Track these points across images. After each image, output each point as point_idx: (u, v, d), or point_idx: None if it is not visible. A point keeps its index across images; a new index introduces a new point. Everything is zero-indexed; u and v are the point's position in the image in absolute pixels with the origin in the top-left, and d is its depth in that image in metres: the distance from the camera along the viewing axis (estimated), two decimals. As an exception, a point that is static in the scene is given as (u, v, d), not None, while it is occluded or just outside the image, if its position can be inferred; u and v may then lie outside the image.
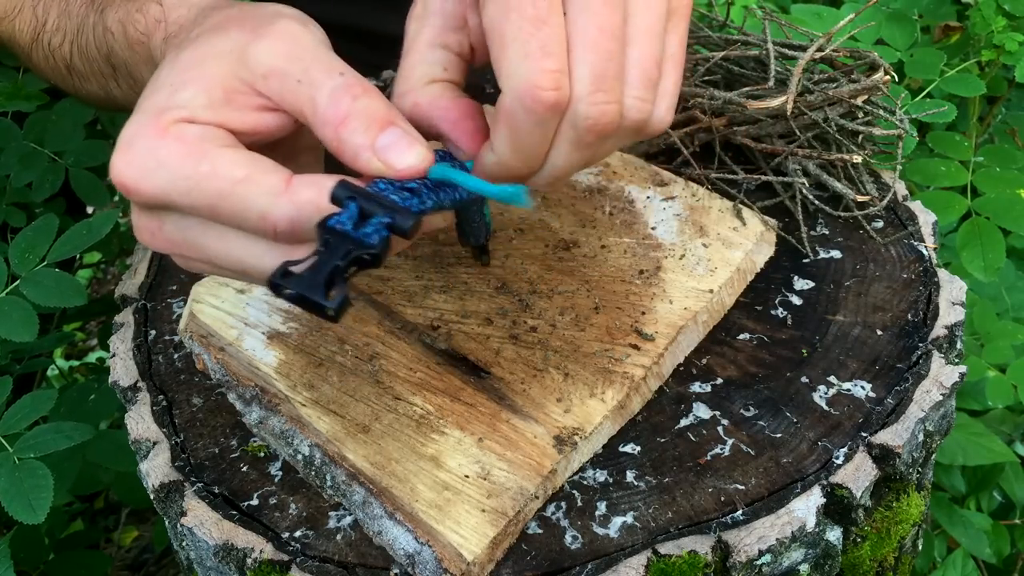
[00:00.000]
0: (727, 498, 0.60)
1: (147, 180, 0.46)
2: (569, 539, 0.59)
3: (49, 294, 0.83)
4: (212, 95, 0.47)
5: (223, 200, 0.45)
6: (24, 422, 0.80)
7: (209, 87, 0.47)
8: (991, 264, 0.94)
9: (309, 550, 0.59)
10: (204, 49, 0.49)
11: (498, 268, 0.72)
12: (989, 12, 1.06)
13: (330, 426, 0.62)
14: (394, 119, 0.47)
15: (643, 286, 0.70)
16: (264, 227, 0.46)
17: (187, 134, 0.46)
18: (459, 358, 0.66)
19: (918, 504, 0.67)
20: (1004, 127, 1.23)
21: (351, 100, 0.46)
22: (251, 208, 0.45)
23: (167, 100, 0.47)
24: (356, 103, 0.46)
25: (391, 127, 0.47)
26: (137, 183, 0.46)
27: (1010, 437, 1.16)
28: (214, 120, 0.47)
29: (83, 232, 0.86)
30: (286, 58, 0.48)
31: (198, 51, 0.49)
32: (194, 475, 0.64)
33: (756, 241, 0.73)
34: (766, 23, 0.88)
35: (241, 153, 0.46)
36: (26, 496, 0.75)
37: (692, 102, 0.84)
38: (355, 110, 0.46)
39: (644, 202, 0.77)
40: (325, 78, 0.47)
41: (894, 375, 0.67)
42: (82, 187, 0.99)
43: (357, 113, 0.46)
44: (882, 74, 0.82)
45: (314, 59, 0.48)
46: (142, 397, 0.70)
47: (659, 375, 0.67)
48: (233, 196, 0.45)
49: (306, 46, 0.49)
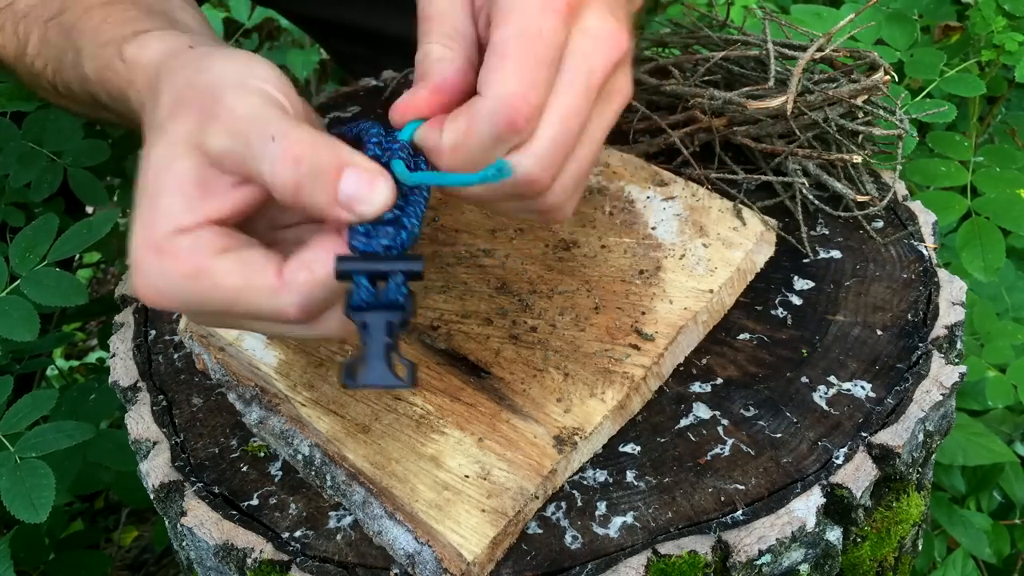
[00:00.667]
0: (727, 498, 0.60)
1: (163, 298, 0.49)
2: (569, 539, 0.59)
3: (49, 293, 0.83)
4: (187, 195, 0.48)
5: (233, 305, 0.48)
6: (25, 422, 0.80)
7: (182, 188, 0.48)
8: (991, 264, 0.94)
9: (309, 550, 0.59)
10: (165, 146, 0.50)
11: (498, 268, 0.73)
12: (989, 12, 1.06)
13: (330, 426, 0.62)
14: (345, 161, 0.47)
15: (643, 286, 0.70)
16: (278, 319, 0.49)
17: (180, 249, 0.48)
18: (459, 358, 0.66)
19: (918, 504, 0.67)
20: (1004, 127, 1.23)
21: (294, 167, 0.46)
22: (259, 309, 0.48)
23: (151, 213, 0.49)
24: (299, 168, 0.46)
25: (344, 172, 0.46)
26: (157, 301, 0.49)
27: (1010, 437, 1.16)
28: (198, 221, 0.48)
29: (83, 231, 0.86)
30: (231, 138, 0.48)
31: (161, 148, 0.50)
32: (194, 475, 0.64)
33: (756, 241, 0.73)
34: (766, 23, 0.88)
35: (231, 260, 0.48)
36: (28, 495, 0.75)
37: (692, 102, 0.84)
38: (301, 175, 0.46)
39: (644, 202, 0.77)
40: (263, 150, 0.47)
41: (894, 375, 0.67)
42: (81, 187, 0.99)
43: (303, 178, 0.46)
44: (882, 74, 0.82)
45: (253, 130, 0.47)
46: (142, 397, 0.70)
47: (659, 375, 0.67)
48: (240, 303, 0.48)
49: (243, 118, 0.48)
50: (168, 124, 0.51)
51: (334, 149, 0.47)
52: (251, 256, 0.48)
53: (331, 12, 1.29)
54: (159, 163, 0.50)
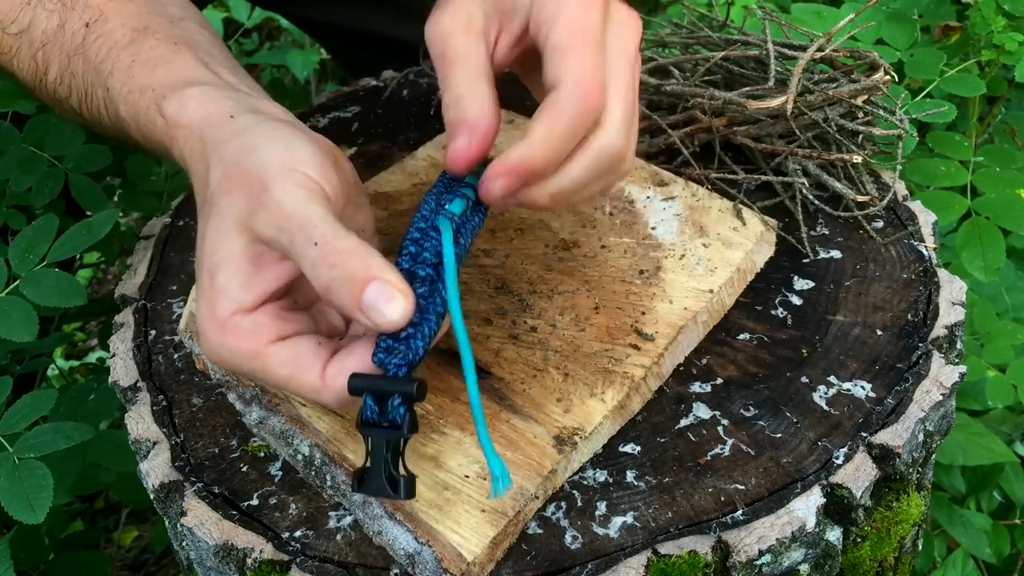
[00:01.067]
0: (727, 498, 0.60)
1: (224, 365, 0.54)
2: (569, 539, 0.59)
3: (49, 294, 0.83)
4: (243, 272, 0.54)
5: (283, 387, 0.55)
6: (24, 422, 0.80)
7: (238, 265, 0.54)
8: (991, 264, 0.94)
9: (309, 550, 0.59)
10: (219, 222, 0.55)
11: (498, 268, 0.72)
12: (989, 12, 1.06)
13: (330, 426, 0.62)
14: (373, 274, 0.51)
15: (643, 286, 0.70)
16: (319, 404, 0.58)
17: (241, 330, 0.53)
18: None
19: (918, 504, 0.67)
20: (1004, 127, 1.23)
21: (328, 270, 0.51)
22: (304, 396, 0.54)
23: (212, 290, 0.54)
24: (332, 272, 0.51)
25: (370, 285, 0.51)
26: (219, 365, 0.55)
27: (1010, 437, 1.16)
28: (256, 299, 0.54)
29: (83, 232, 0.86)
30: (277, 230, 0.53)
31: (216, 224, 0.55)
32: (194, 475, 0.64)
33: (756, 241, 0.73)
34: (766, 23, 0.88)
35: (285, 353, 0.53)
36: (26, 496, 0.75)
37: (692, 102, 0.84)
38: (333, 279, 0.51)
39: (644, 202, 0.77)
40: (305, 251, 0.52)
41: (894, 375, 0.67)
42: (81, 192, 0.99)
43: (335, 281, 0.51)
44: (882, 74, 0.82)
45: (298, 230, 0.52)
46: (142, 397, 0.70)
47: (659, 375, 0.67)
48: (288, 387, 0.54)
49: (289, 215, 0.53)
50: (220, 199, 0.55)
51: (366, 260, 0.51)
52: (301, 350, 0.54)
53: (331, 15, 1.29)
54: (215, 238, 0.55)
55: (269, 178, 0.54)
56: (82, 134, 1.01)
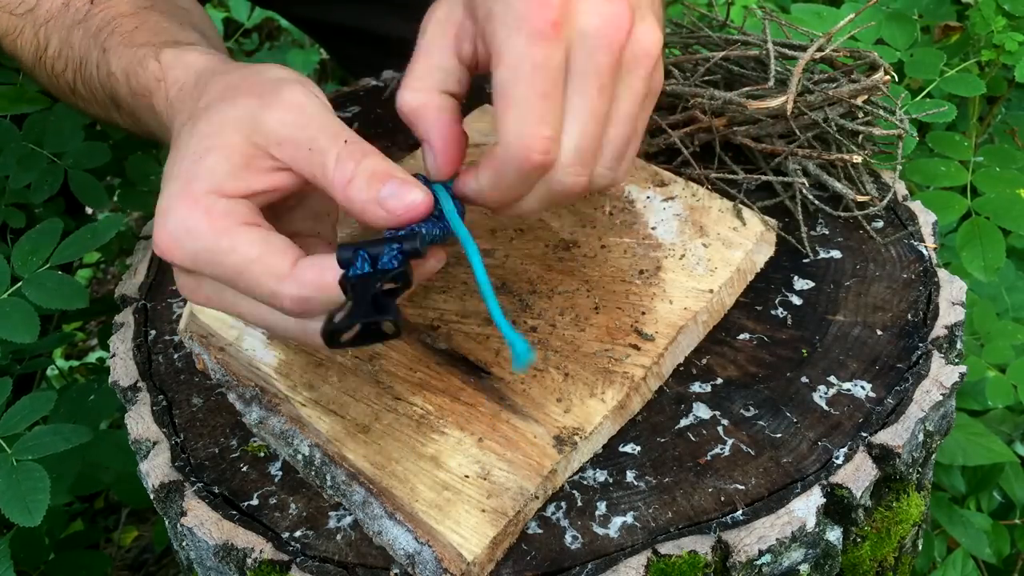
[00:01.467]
0: (727, 498, 0.60)
1: (179, 248, 0.51)
2: (569, 539, 0.59)
3: (51, 296, 0.83)
4: (233, 161, 0.52)
5: (239, 276, 0.51)
6: (24, 423, 0.80)
7: (229, 154, 0.52)
8: (991, 264, 0.94)
9: (309, 550, 0.59)
10: (218, 118, 0.54)
11: (498, 268, 0.73)
12: (989, 12, 1.06)
13: (330, 426, 0.62)
14: (392, 172, 0.52)
15: (643, 286, 0.70)
16: (274, 304, 0.51)
17: (215, 208, 0.51)
18: (459, 358, 0.66)
19: (918, 504, 0.67)
20: (1004, 127, 1.23)
21: (354, 164, 0.51)
22: (262, 287, 0.51)
23: (193, 168, 0.52)
24: (359, 166, 0.51)
25: (390, 180, 0.52)
26: (171, 249, 0.52)
27: (1010, 437, 1.16)
28: (238, 189, 0.52)
29: (87, 236, 0.86)
30: (296, 127, 0.53)
31: (213, 121, 0.54)
32: (194, 475, 0.64)
33: (756, 241, 0.73)
34: (766, 23, 0.88)
35: (258, 233, 0.51)
36: (23, 498, 0.75)
37: (692, 102, 0.84)
38: (358, 172, 0.51)
39: (644, 202, 0.77)
40: (331, 146, 0.52)
41: (894, 375, 0.67)
42: (81, 189, 0.99)
43: (360, 173, 0.51)
44: (882, 74, 0.82)
45: (320, 127, 0.53)
46: (142, 397, 0.70)
47: (659, 375, 0.67)
48: (247, 274, 0.51)
49: (312, 115, 0.53)
50: (219, 105, 0.55)
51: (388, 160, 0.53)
52: (275, 238, 0.52)
53: (331, 14, 1.29)
54: (205, 131, 0.53)
55: (284, 84, 0.54)
56: (81, 131, 1.01)
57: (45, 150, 0.99)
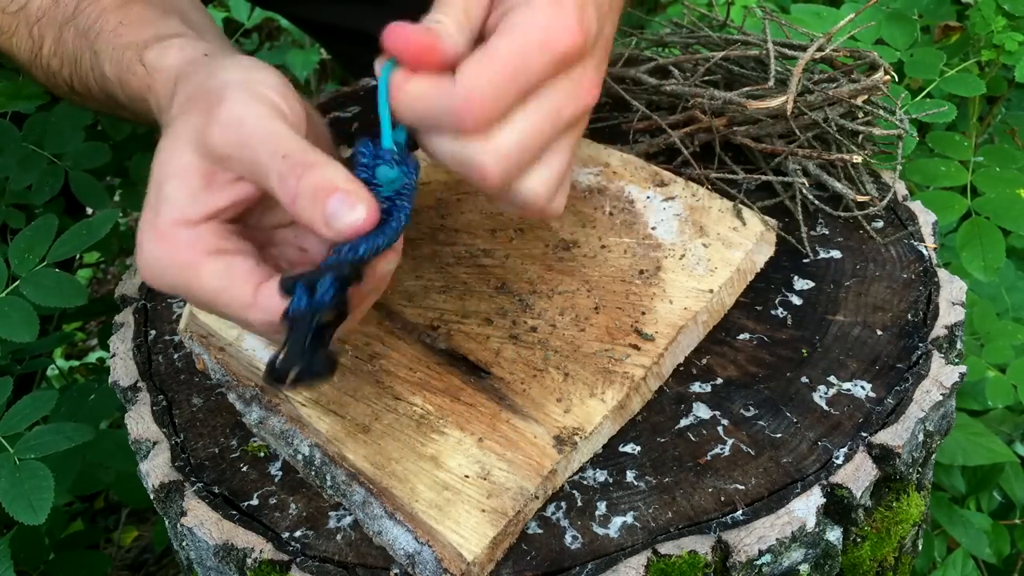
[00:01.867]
0: (727, 498, 0.60)
1: (157, 279, 0.53)
2: (569, 539, 0.59)
3: (49, 294, 0.83)
4: (191, 185, 0.53)
5: (211, 304, 0.53)
6: (24, 423, 0.80)
7: (187, 178, 0.53)
8: (991, 264, 0.94)
9: (309, 550, 0.59)
10: (173, 139, 0.54)
11: (498, 268, 0.73)
12: (989, 12, 1.06)
13: (330, 426, 0.62)
14: (335, 183, 0.50)
15: (643, 286, 0.70)
16: (248, 328, 0.54)
17: (179, 240, 0.52)
18: (459, 358, 0.66)
19: (918, 504, 0.67)
20: (1004, 127, 1.23)
21: (295, 181, 0.50)
22: (231, 315, 0.52)
23: (156, 197, 0.53)
24: (300, 183, 0.50)
25: (333, 194, 0.50)
26: (151, 280, 0.54)
27: (1010, 437, 1.16)
28: (200, 213, 0.52)
29: (83, 232, 0.86)
30: (235, 146, 0.52)
31: (169, 142, 0.54)
32: (194, 475, 0.64)
33: (756, 241, 0.73)
34: (766, 23, 0.88)
35: (222, 264, 0.52)
36: (27, 497, 0.75)
37: (692, 102, 0.84)
38: (300, 190, 0.50)
39: (644, 202, 0.77)
40: (271, 163, 0.51)
41: (894, 375, 0.67)
42: (82, 189, 0.99)
43: (302, 192, 0.50)
44: (882, 74, 0.82)
45: (259, 143, 0.51)
46: (142, 397, 0.70)
47: (659, 375, 0.67)
48: (216, 303, 0.52)
49: (250, 131, 0.52)
50: (177, 121, 0.55)
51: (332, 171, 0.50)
52: (238, 266, 0.52)
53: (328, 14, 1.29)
54: (166, 154, 0.54)
55: (227, 95, 0.53)
56: (81, 132, 1.01)
57: (45, 151, 0.99)
